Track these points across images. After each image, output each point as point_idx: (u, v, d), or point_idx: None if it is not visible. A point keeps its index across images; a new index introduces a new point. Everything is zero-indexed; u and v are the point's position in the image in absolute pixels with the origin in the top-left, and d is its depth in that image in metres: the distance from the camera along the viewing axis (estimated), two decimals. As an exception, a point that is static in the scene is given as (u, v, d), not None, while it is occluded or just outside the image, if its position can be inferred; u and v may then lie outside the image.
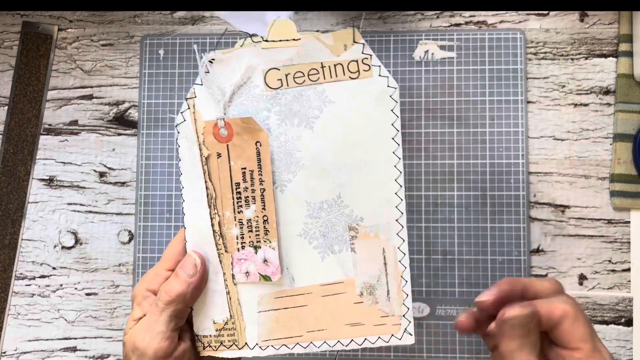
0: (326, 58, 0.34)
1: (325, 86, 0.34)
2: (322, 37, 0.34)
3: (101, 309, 0.52)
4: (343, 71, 0.34)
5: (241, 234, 0.35)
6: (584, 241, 0.50)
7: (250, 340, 0.35)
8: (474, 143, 0.50)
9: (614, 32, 0.51)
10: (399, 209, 0.35)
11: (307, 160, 0.35)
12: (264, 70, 0.34)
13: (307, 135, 0.35)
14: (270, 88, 0.35)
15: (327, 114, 0.35)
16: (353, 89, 0.34)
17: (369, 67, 0.34)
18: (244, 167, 0.34)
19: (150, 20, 0.53)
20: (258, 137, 0.34)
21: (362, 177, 0.35)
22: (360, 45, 0.34)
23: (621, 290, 0.50)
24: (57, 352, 0.52)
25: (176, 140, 0.36)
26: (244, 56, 0.34)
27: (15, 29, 0.53)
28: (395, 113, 0.35)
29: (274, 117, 0.35)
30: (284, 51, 0.34)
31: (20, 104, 0.53)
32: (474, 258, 0.49)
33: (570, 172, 0.50)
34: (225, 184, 0.35)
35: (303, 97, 0.35)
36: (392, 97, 0.35)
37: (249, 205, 0.35)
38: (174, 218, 0.51)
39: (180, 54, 0.52)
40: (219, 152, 0.34)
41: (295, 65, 0.34)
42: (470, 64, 0.50)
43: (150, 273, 0.36)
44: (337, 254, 0.35)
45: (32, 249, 0.52)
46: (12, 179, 0.52)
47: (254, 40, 0.34)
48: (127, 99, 0.53)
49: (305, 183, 0.35)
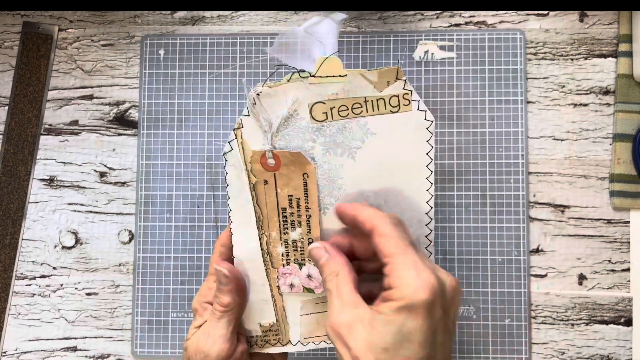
0: (369, 93, 0.36)
1: (368, 119, 0.37)
2: (367, 74, 0.36)
3: (101, 308, 0.52)
4: (385, 105, 0.37)
5: (286, 252, 0.39)
6: (583, 241, 0.50)
7: (294, 338, 0.40)
8: (474, 143, 0.50)
9: (614, 32, 0.51)
10: (428, 227, 0.38)
11: (348, 186, 0.38)
12: (309, 103, 0.37)
13: (349, 164, 0.37)
14: (315, 120, 0.37)
15: (369, 144, 0.37)
16: (393, 122, 0.37)
17: (409, 102, 0.36)
18: (291, 195, 0.37)
19: (151, 20, 0.53)
20: (306, 169, 0.37)
21: (398, 200, 0.38)
22: (402, 82, 0.36)
23: (621, 290, 0.50)
24: (58, 352, 0.52)
25: (224, 167, 0.38)
26: (291, 90, 0.36)
27: (16, 29, 0.53)
28: (430, 144, 0.37)
29: (319, 147, 0.37)
30: (330, 86, 0.36)
31: (21, 104, 0.53)
32: (473, 258, 0.50)
33: (570, 172, 0.50)
34: (272, 207, 0.38)
35: (347, 130, 0.37)
36: (428, 129, 0.37)
37: (294, 228, 0.38)
38: (174, 218, 0.51)
39: (180, 54, 0.52)
40: (266, 179, 0.37)
41: (340, 99, 0.37)
42: (470, 64, 0.50)
43: (204, 287, 0.40)
44: None
45: (32, 248, 0.52)
46: (13, 179, 0.53)
47: (301, 76, 0.36)
48: (127, 99, 0.53)
49: None
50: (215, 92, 0.51)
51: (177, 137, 0.52)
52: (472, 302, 0.49)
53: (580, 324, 0.50)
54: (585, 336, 0.49)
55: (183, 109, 0.52)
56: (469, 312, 0.49)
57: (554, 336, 0.49)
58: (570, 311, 0.50)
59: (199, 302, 0.39)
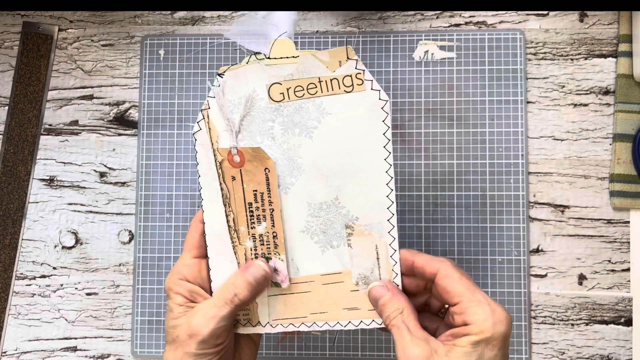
0: (323, 73, 0.38)
1: (323, 99, 0.38)
2: (319, 54, 0.37)
3: (101, 308, 0.52)
4: (339, 85, 0.38)
5: (254, 246, 0.39)
6: (583, 241, 0.50)
7: (263, 319, 0.40)
8: (474, 143, 0.50)
9: (614, 32, 0.51)
10: (390, 210, 0.38)
11: (307, 166, 0.38)
12: (267, 84, 0.38)
13: (307, 143, 0.38)
14: (273, 101, 0.38)
15: (325, 124, 0.38)
16: (348, 102, 0.38)
17: (362, 81, 0.37)
18: (255, 190, 0.39)
19: (151, 20, 0.53)
20: (266, 164, 0.38)
21: (357, 181, 0.38)
22: (354, 61, 0.37)
23: (621, 290, 0.50)
24: (58, 352, 0.52)
25: (194, 146, 0.40)
26: (250, 72, 0.38)
27: (16, 29, 0.54)
28: (386, 123, 0.38)
29: (278, 127, 0.38)
30: (285, 67, 0.38)
31: (21, 104, 0.53)
32: (473, 258, 0.50)
33: (570, 172, 0.50)
34: (239, 203, 0.39)
35: (303, 110, 0.38)
36: (383, 109, 0.38)
37: (260, 222, 0.39)
38: (174, 218, 0.51)
39: (180, 54, 0.52)
40: (233, 175, 0.39)
41: (296, 80, 0.38)
42: (470, 64, 0.50)
43: (179, 265, 0.39)
44: (335, 248, 0.39)
45: (32, 249, 0.52)
46: (13, 179, 0.53)
47: (257, 58, 0.38)
48: (127, 99, 0.53)
49: (306, 186, 0.39)
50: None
51: (177, 137, 0.52)
52: (472, 302, 0.49)
53: (580, 324, 0.50)
54: (585, 336, 0.49)
55: (183, 109, 0.52)
56: (469, 312, 0.49)
57: (554, 336, 0.49)
58: (570, 311, 0.50)
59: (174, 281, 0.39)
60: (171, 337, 0.38)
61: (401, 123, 0.51)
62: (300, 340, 0.50)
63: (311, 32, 0.52)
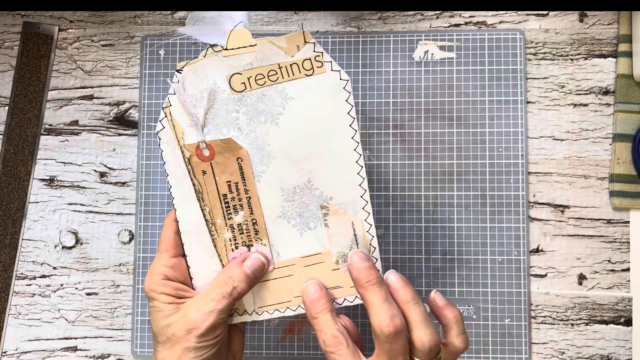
0: (282, 59, 0.38)
1: (285, 85, 0.38)
2: (276, 40, 0.38)
3: (102, 308, 0.52)
4: (299, 69, 0.38)
5: (233, 237, 0.40)
6: (583, 241, 0.50)
7: (248, 307, 0.40)
8: (474, 143, 0.50)
9: (614, 32, 0.51)
10: (362, 187, 0.39)
11: (276, 153, 0.39)
12: (227, 75, 0.38)
13: (274, 130, 0.39)
14: (235, 91, 0.38)
15: (289, 109, 0.38)
16: (309, 85, 0.38)
17: (322, 63, 0.38)
18: (229, 181, 0.39)
19: (151, 20, 0.53)
20: (239, 154, 0.39)
21: (327, 162, 0.39)
22: (311, 45, 0.38)
23: (620, 290, 0.50)
24: (58, 352, 0.52)
25: (159, 145, 0.40)
26: (208, 65, 0.38)
27: (16, 29, 0.54)
28: (350, 102, 0.38)
29: (243, 117, 0.39)
30: (243, 57, 0.38)
31: (21, 104, 0.53)
32: (473, 258, 0.50)
33: (570, 172, 0.50)
34: (213, 196, 0.39)
35: (266, 97, 0.38)
36: (345, 88, 0.38)
37: (237, 212, 0.39)
38: (175, 218, 0.51)
39: (180, 54, 0.52)
40: (204, 169, 0.39)
41: (256, 68, 0.38)
42: (470, 64, 0.51)
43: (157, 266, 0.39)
44: (313, 229, 0.39)
45: (32, 248, 0.52)
46: (13, 179, 0.53)
47: (215, 50, 0.38)
48: (127, 99, 0.53)
49: (278, 172, 0.39)
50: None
51: (177, 137, 0.52)
52: (472, 302, 0.49)
53: (580, 324, 0.50)
54: (585, 336, 0.49)
55: (183, 109, 0.52)
56: (469, 312, 0.49)
57: (553, 336, 0.50)
58: (570, 311, 0.50)
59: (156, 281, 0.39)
60: (165, 336, 0.38)
61: (401, 123, 0.51)
62: (300, 340, 0.50)
63: (311, 32, 0.52)
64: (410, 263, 0.50)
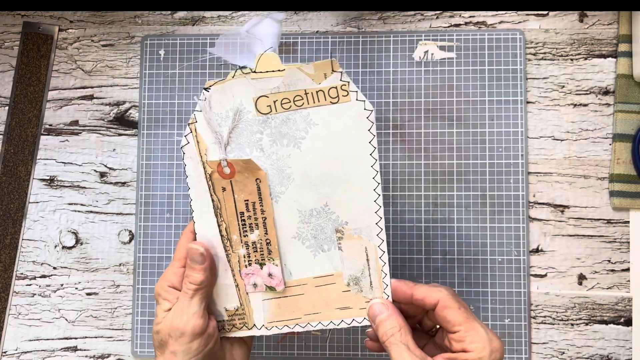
0: (309, 86, 0.38)
1: (310, 110, 0.39)
2: (304, 67, 0.38)
3: (102, 308, 0.52)
4: (325, 97, 0.39)
5: (247, 254, 0.41)
6: (583, 241, 0.50)
7: (258, 322, 0.42)
8: (474, 143, 0.50)
9: (614, 32, 0.51)
10: (377, 214, 0.39)
11: (296, 175, 0.40)
12: (254, 97, 0.39)
13: (296, 154, 0.39)
14: (261, 113, 0.39)
15: (312, 134, 0.39)
16: (334, 112, 0.39)
17: (347, 92, 0.38)
18: (247, 200, 0.40)
19: (151, 20, 0.53)
20: (258, 175, 0.39)
21: (346, 188, 0.39)
22: (339, 74, 0.38)
23: (620, 290, 0.50)
24: (58, 352, 0.52)
25: (182, 159, 0.41)
26: (236, 86, 0.39)
27: (16, 29, 0.54)
28: (372, 132, 0.39)
29: (266, 139, 0.39)
30: (271, 81, 0.39)
31: (21, 104, 0.53)
32: (473, 258, 0.50)
33: (570, 172, 0.50)
34: (231, 212, 0.40)
35: (290, 121, 0.39)
36: (368, 118, 0.39)
37: (252, 230, 0.40)
38: (174, 218, 0.51)
39: (180, 54, 0.52)
40: (224, 186, 0.40)
41: (282, 92, 0.39)
42: (470, 64, 0.51)
43: (168, 272, 0.41)
44: (326, 252, 0.40)
45: (32, 248, 0.52)
46: (13, 179, 0.53)
47: (243, 72, 0.39)
48: (127, 99, 0.53)
49: (296, 194, 0.40)
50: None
51: (177, 137, 0.52)
52: (472, 302, 0.49)
53: (580, 324, 0.50)
54: (585, 336, 0.49)
55: (183, 109, 0.52)
56: (469, 312, 0.49)
57: (553, 336, 0.50)
58: (570, 311, 0.50)
59: (162, 287, 0.41)
60: (157, 342, 0.40)
61: (401, 123, 0.51)
62: (300, 340, 0.50)
63: (311, 32, 0.52)
64: (410, 263, 0.50)
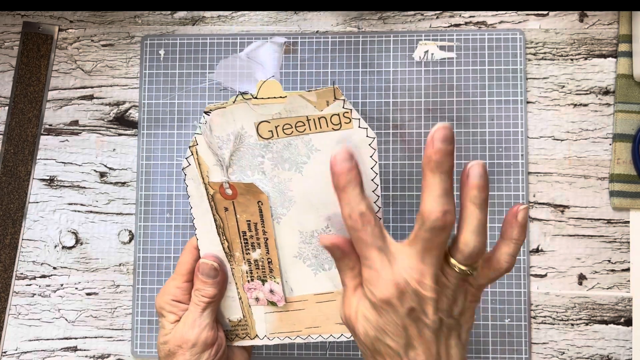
0: (311, 112, 0.38)
1: (312, 136, 0.39)
2: (306, 95, 0.38)
3: (102, 308, 0.52)
4: (327, 123, 0.39)
5: (250, 270, 0.42)
6: (583, 241, 0.50)
7: (260, 332, 0.43)
8: (474, 143, 0.50)
9: (614, 32, 0.51)
10: None
11: (298, 198, 0.40)
12: (255, 122, 0.39)
13: (297, 177, 0.40)
14: (262, 138, 0.39)
15: (314, 159, 0.39)
16: (336, 139, 0.39)
17: (350, 119, 0.38)
18: (249, 220, 0.41)
19: (151, 20, 0.53)
20: (259, 197, 0.40)
21: None
22: (341, 101, 0.38)
23: (620, 290, 0.50)
24: (58, 352, 0.52)
25: (184, 180, 0.41)
26: (237, 111, 0.39)
27: (16, 29, 0.54)
28: (374, 159, 0.39)
29: (268, 162, 0.40)
30: (273, 107, 0.39)
31: (21, 104, 0.53)
32: (473, 258, 0.50)
33: (570, 172, 0.50)
34: (233, 231, 0.41)
35: (292, 146, 0.39)
36: (370, 145, 0.39)
37: (255, 249, 0.41)
38: (174, 218, 0.51)
39: (180, 54, 0.52)
40: (226, 206, 0.41)
41: (284, 118, 0.39)
42: (470, 64, 0.51)
43: (170, 287, 0.42)
44: (327, 271, 0.41)
45: (32, 248, 0.52)
46: (13, 179, 0.53)
47: (244, 97, 0.39)
48: (127, 99, 0.53)
49: (297, 216, 0.40)
50: (215, 92, 0.51)
51: (177, 137, 0.52)
52: (472, 302, 0.49)
53: (580, 324, 0.50)
54: (585, 336, 0.49)
55: (183, 109, 0.52)
56: (469, 312, 0.49)
57: (553, 336, 0.50)
58: (570, 311, 0.50)
59: (166, 301, 0.42)
60: (164, 352, 0.41)
61: (401, 123, 0.51)
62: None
63: (311, 32, 0.52)
64: (410, 263, 0.50)
